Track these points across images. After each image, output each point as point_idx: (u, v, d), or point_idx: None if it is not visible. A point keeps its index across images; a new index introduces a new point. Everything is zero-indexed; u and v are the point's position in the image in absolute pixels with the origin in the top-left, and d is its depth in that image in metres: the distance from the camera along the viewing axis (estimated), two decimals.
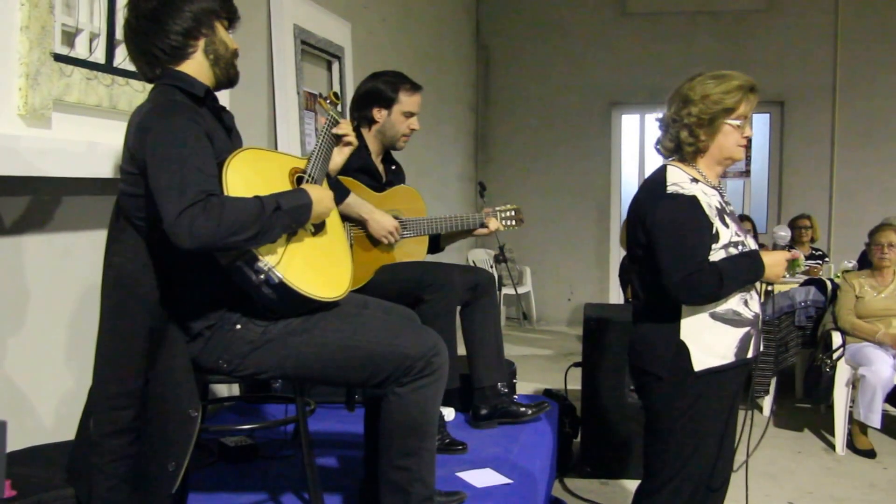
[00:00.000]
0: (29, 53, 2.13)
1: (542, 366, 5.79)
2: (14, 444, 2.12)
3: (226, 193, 1.82)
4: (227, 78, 2.04)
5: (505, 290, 6.53)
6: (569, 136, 7.75)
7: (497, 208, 3.14)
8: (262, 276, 1.84)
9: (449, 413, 3.19)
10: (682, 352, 2.16)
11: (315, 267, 1.98)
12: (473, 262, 7.32)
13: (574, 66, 7.72)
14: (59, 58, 2.26)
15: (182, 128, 1.80)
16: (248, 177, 1.91)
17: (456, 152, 7.21)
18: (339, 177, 2.81)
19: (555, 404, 3.49)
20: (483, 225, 3.08)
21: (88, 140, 2.34)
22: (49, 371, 2.34)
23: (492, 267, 6.97)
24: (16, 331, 2.22)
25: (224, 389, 3.26)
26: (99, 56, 2.47)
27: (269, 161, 2.06)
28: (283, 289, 1.86)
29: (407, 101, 2.99)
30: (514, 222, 3.16)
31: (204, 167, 1.79)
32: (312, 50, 4.04)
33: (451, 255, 6.89)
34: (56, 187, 2.33)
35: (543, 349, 6.56)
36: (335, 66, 4.34)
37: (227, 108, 2.12)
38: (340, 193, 2.80)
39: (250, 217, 1.76)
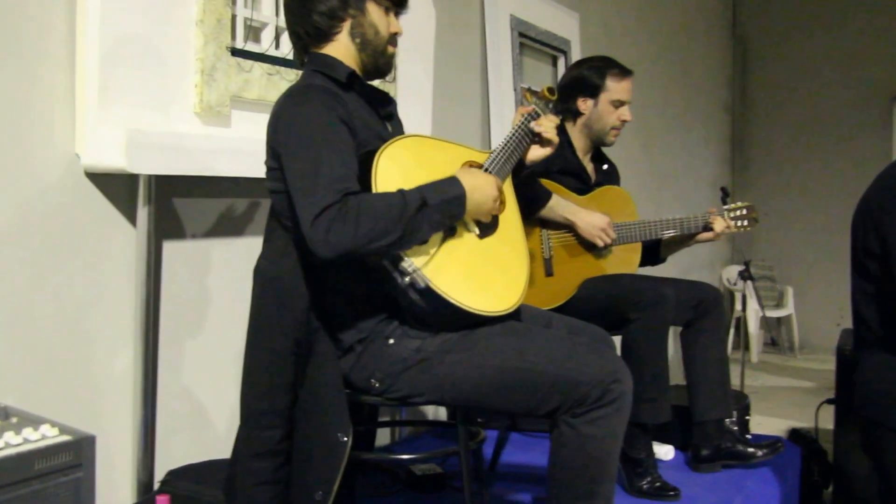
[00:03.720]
0: (204, 48, 2.07)
1: (799, 400, 5.06)
2: (191, 457, 2.08)
3: (376, 183, 1.60)
4: (375, 66, 1.82)
5: (767, 313, 5.84)
6: (841, 138, 6.80)
7: (725, 207, 2.67)
8: (408, 279, 1.59)
9: (667, 451, 2.77)
10: None
11: (474, 273, 1.69)
12: (727, 280, 6.64)
13: (846, 58, 6.76)
14: (236, 52, 2.19)
15: (313, 115, 1.61)
16: (406, 166, 1.67)
17: (707, 156, 6.59)
18: (540, 180, 2.54)
19: (795, 448, 2.93)
20: (707, 227, 2.64)
21: None
22: (227, 381, 2.25)
23: (735, 284, 6.27)
24: (194, 338, 2.16)
25: (429, 410, 3.06)
26: (286, 51, 2.38)
27: (436, 150, 1.80)
28: (430, 295, 1.61)
29: (615, 88, 2.63)
30: (745, 222, 2.67)
31: (339, 160, 1.58)
32: (533, 43, 3.78)
33: (702, 272, 6.33)
34: (235, 188, 2.27)
35: (803, 381, 5.76)
36: (560, 62, 4.05)
37: (390, 95, 1.92)
38: (541, 196, 2.51)
39: (392, 218, 1.53)
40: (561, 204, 2.53)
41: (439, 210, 1.60)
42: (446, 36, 3.14)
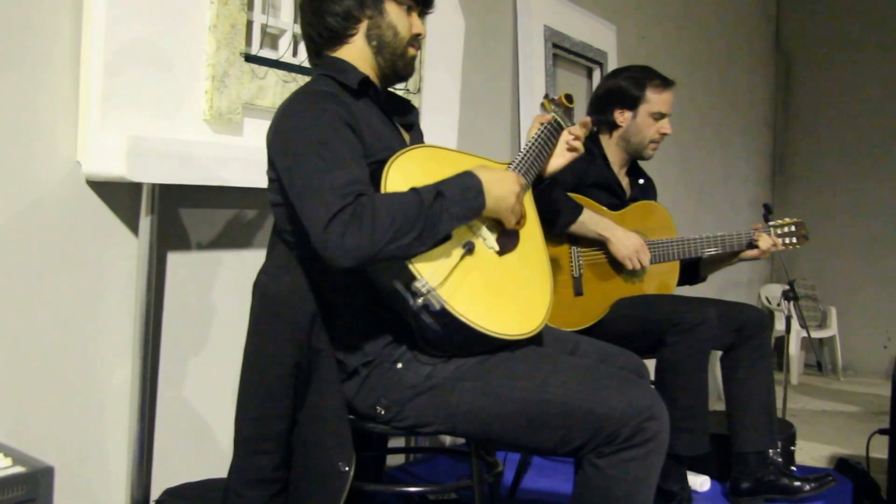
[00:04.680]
0: (216, 54, 1.97)
1: (844, 426, 4.83)
2: (190, 475, 1.98)
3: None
4: (393, 69, 1.70)
5: (812, 334, 5.60)
6: (887, 156, 6.55)
7: (771, 224, 2.52)
8: (421, 301, 1.45)
9: (703, 482, 2.60)
10: None
11: (494, 294, 1.56)
12: (767, 298, 6.42)
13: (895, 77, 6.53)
14: (251, 58, 2.09)
15: (314, 119, 1.49)
16: (414, 176, 1.54)
17: (747, 173, 6.39)
18: (570, 194, 2.40)
19: (844, 480, 2.73)
20: (752, 245, 2.48)
21: None
22: (230, 398, 2.13)
23: (779, 305, 6.04)
24: (197, 352, 2.06)
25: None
26: (303, 57, 2.27)
27: (449, 162, 1.67)
28: (446, 318, 1.47)
29: (655, 99, 2.49)
30: (794, 239, 2.51)
31: (349, 161, 1.46)
32: (567, 55, 3.64)
33: (739, 291, 6.11)
34: (246, 198, 2.16)
35: (848, 405, 5.51)
36: (596, 74, 3.91)
37: (412, 103, 1.80)
38: (571, 210, 2.37)
39: (410, 213, 1.40)
40: (594, 219, 2.39)
41: (457, 202, 1.47)
42: (476, 45, 3.02)
